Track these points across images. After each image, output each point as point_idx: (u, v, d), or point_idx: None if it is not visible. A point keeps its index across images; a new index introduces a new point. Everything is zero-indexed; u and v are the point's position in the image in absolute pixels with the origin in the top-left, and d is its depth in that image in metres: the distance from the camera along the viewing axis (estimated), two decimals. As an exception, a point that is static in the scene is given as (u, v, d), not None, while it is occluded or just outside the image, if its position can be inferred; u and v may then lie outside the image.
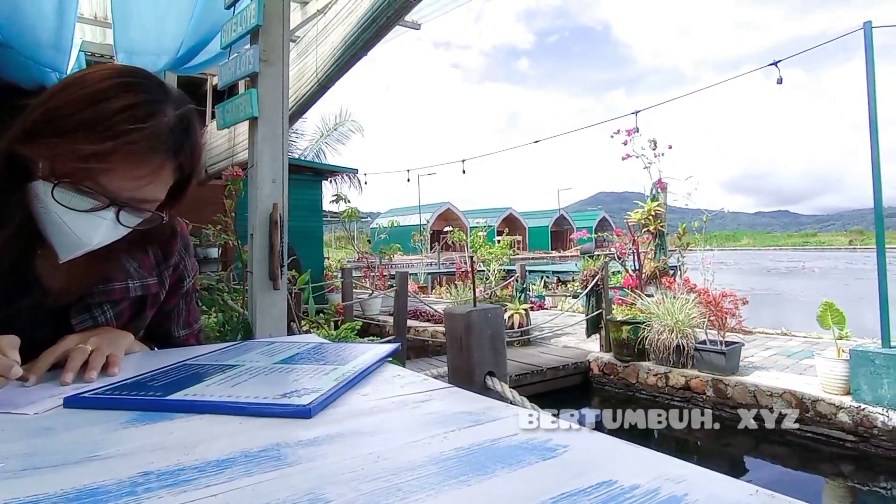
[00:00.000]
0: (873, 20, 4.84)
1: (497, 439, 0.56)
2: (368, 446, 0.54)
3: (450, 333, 1.05)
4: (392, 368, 0.93)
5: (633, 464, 0.49)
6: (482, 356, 1.01)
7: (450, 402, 0.72)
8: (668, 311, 5.40)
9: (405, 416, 0.66)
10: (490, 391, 1.02)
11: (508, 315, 6.77)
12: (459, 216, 43.30)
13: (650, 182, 7.27)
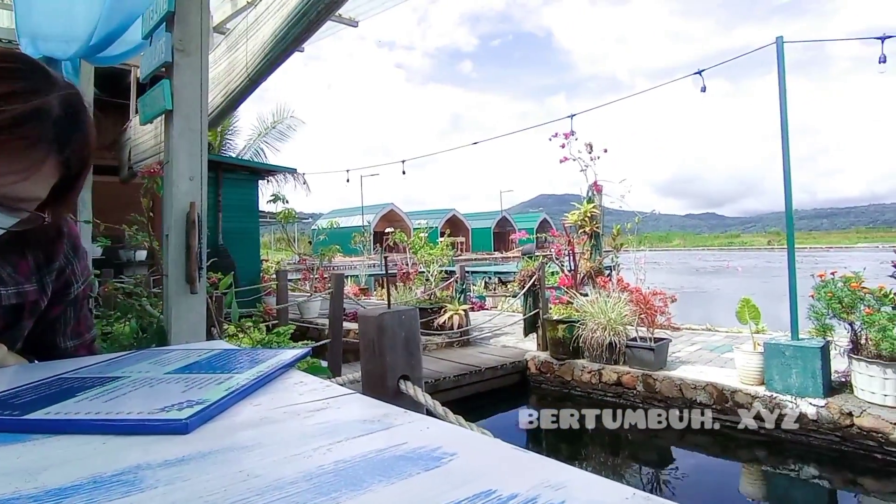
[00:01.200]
0: (788, 36, 5.19)
1: (384, 449, 0.53)
2: (241, 463, 0.50)
3: (362, 337, 1.03)
4: (296, 375, 0.88)
5: (517, 471, 0.48)
6: (395, 360, 0.98)
7: (347, 411, 0.68)
8: (602, 310, 5.58)
9: (294, 427, 0.62)
10: (404, 395, 0.99)
11: (448, 316, 6.79)
12: (403, 217, 43.16)
13: (586, 184, 7.49)
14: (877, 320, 4.10)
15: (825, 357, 4.42)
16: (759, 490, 4.12)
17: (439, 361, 6.09)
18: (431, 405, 0.95)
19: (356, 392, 0.78)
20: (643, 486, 4.22)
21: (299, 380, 0.84)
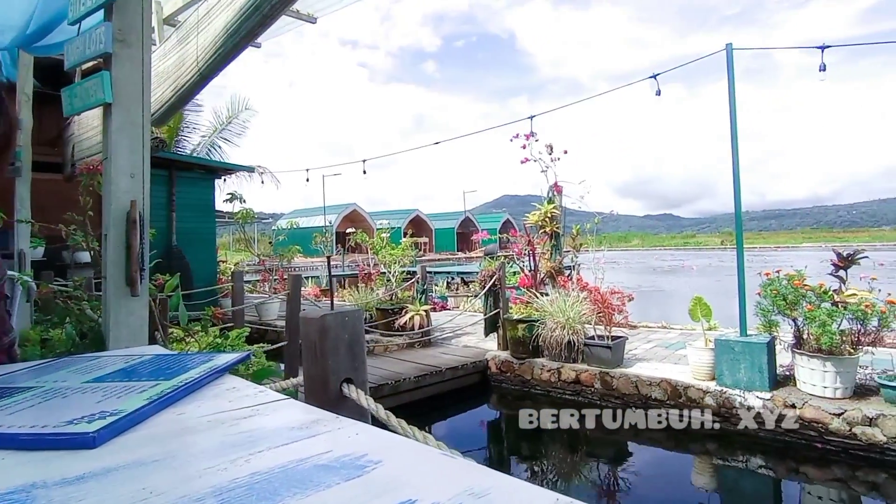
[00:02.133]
0: (738, 44, 5.38)
1: (306, 459, 0.51)
2: (147, 479, 0.47)
3: (304, 339, 0.99)
4: (230, 381, 0.84)
5: (442, 478, 0.47)
6: (338, 363, 0.95)
7: (276, 418, 0.66)
8: (561, 309, 5.66)
9: (215, 437, 0.59)
10: (347, 399, 0.96)
11: (409, 317, 6.76)
12: (366, 217, 42.80)
13: (547, 185, 7.57)
14: (817, 316, 4.30)
15: (771, 352, 4.61)
16: (710, 482, 4.25)
17: (400, 363, 6.05)
18: (374, 409, 0.93)
19: (290, 398, 0.75)
20: (600, 481, 4.30)
21: (232, 385, 0.81)
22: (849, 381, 4.23)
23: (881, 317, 4.25)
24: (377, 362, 6.14)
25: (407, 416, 3.66)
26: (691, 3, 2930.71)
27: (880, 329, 4.37)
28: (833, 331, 4.25)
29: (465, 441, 5.26)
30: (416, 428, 0.90)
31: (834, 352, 4.24)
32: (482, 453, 4.95)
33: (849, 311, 4.31)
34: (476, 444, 5.24)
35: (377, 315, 7.45)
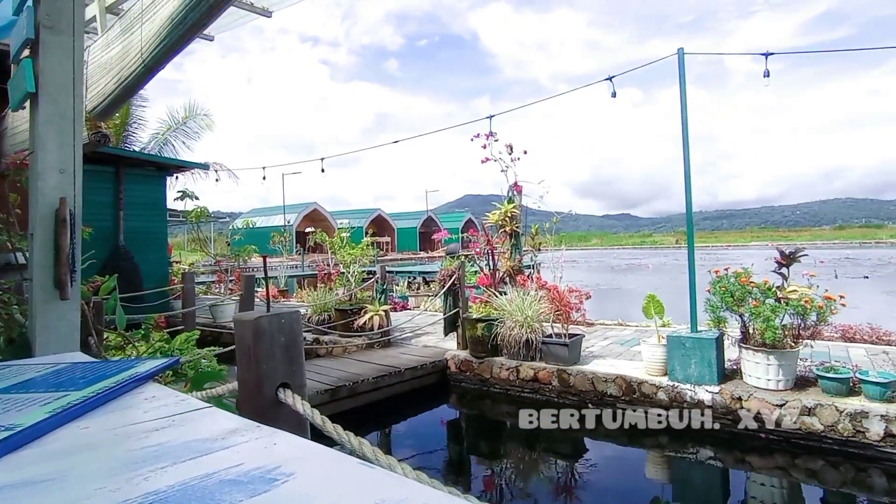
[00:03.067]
0: (695, 49, 5.54)
1: (213, 473, 0.47)
2: (29, 503, 0.42)
3: (238, 343, 0.95)
4: (152, 389, 0.80)
5: (354, 490, 0.44)
6: (273, 367, 0.92)
7: (192, 429, 0.62)
8: (519, 308, 5.71)
9: (118, 452, 0.55)
10: (283, 405, 0.93)
11: (368, 317, 6.68)
12: (327, 217, 42.20)
13: (507, 185, 7.62)
14: (762, 312, 4.47)
15: (719, 347, 4.77)
16: (663, 474, 4.36)
17: (359, 363, 5.98)
18: (310, 414, 0.89)
19: (213, 407, 0.71)
20: (557, 477, 4.35)
21: (152, 394, 0.76)
22: (790, 374, 4.42)
23: (819, 312, 4.46)
24: (335, 364, 6.05)
25: (366, 417, 3.66)
26: (648, 10, 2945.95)
27: (818, 323, 4.59)
28: (776, 326, 4.43)
29: (424, 441, 5.23)
30: (352, 434, 0.87)
31: (777, 346, 4.43)
32: (442, 454, 4.94)
33: (790, 307, 4.50)
34: (436, 444, 5.22)
35: (336, 316, 7.34)
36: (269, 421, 0.94)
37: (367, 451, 0.80)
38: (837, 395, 4.19)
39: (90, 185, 7.83)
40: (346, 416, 5.22)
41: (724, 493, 3.99)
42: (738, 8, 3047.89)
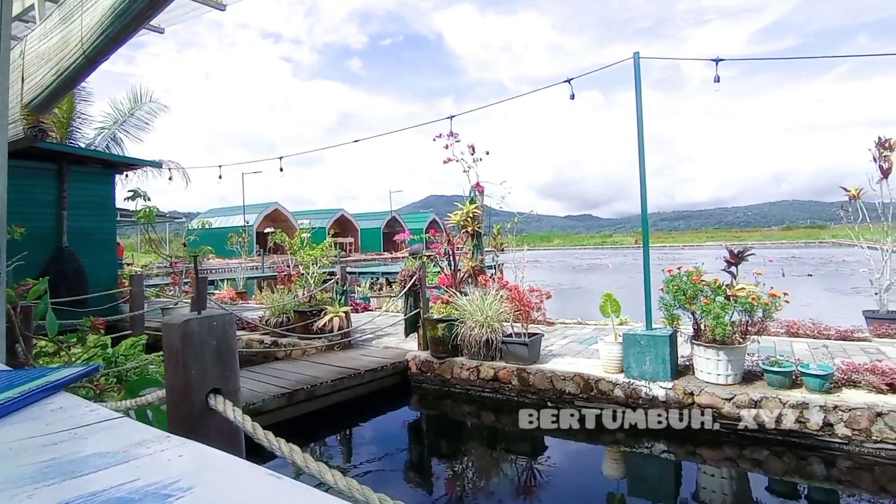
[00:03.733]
0: (653, 54, 5.66)
1: (103, 491, 0.44)
2: None
3: (166, 347, 0.90)
4: (60, 399, 0.74)
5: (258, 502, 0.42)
6: (203, 372, 0.88)
7: (94, 442, 0.58)
8: (480, 308, 5.73)
9: (6, 469, 0.50)
10: (213, 412, 0.89)
11: (328, 318, 6.58)
12: (289, 217, 41.45)
13: (469, 185, 7.64)
14: (712, 309, 4.63)
15: (673, 344, 4.91)
16: (619, 469, 4.44)
17: (318, 366, 5.87)
18: (241, 421, 0.86)
19: (124, 417, 0.67)
20: (518, 475, 4.37)
21: (60, 405, 0.71)
22: (738, 369, 4.59)
23: (765, 308, 4.64)
24: (294, 367, 5.93)
25: (324, 420, 3.59)
26: (609, 15, 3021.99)
27: (765, 319, 4.77)
28: (725, 322, 4.59)
29: (385, 443, 5.18)
30: (283, 440, 0.84)
31: (726, 342, 4.59)
32: (403, 455, 4.90)
33: (739, 304, 4.67)
34: (397, 445, 5.18)
35: (295, 318, 7.20)
36: (198, 429, 0.90)
37: (298, 458, 0.77)
38: (781, 387, 4.37)
39: (27, 183, 7.46)
40: (304, 419, 5.12)
41: (676, 486, 4.10)
42: (694, 16, 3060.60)
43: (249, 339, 7.29)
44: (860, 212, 7.79)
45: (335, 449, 4.97)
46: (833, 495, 3.70)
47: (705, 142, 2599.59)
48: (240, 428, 0.91)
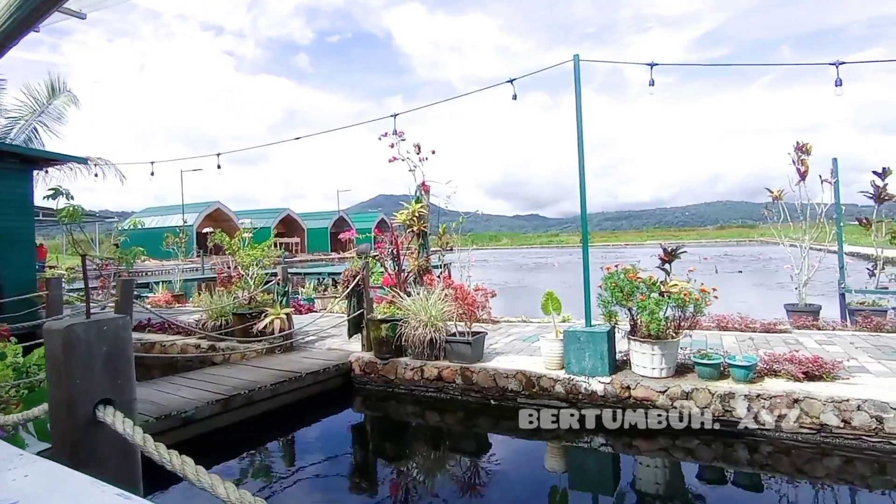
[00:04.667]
0: (599, 58, 5.78)
1: None
2: None
3: (48, 356, 0.83)
4: None
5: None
6: (91, 381, 0.80)
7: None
8: (424, 307, 5.70)
9: None
10: (102, 425, 0.82)
11: (269, 321, 6.38)
12: (231, 217, 40.08)
13: (415, 184, 7.60)
14: (647, 305, 4.79)
15: (611, 340, 5.05)
16: (561, 464, 4.53)
17: (257, 370, 5.68)
18: (131, 433, 0.79)
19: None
20: (463, 474, 4.37)
21: None
22: (671, 362, 4.77)
23: (696, 304, 4.85)
24: (231, 371, 5.71)
25: (264, 426, 3.45)
26: (556, 20, 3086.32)
27: (696, 314, 4.99)
28: (660, 318, 4.77)
29: (328, 447, 5.07)
30: (176, 453, 0.78)
31: (660, 336, 4.76)
32: (347, 458, 4.81)
33: (672, 300, 4.86)
34: (340, 449, 5.08)
35: (234, 320, 6.94)
36: (84, 444, 0.82)
37: (190, 471, 0.72)
38: (710, 379, 4.58)
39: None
40: (241, 426, 4.94)
41: (615, 477, 4.22)
42: (635, 23, 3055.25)
43: (185, 344, 6.97)
44: (783, 212, 8.32)
45: (276, 455, 4.82)
46: (755, 479, 3.91)
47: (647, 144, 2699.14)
48: (132, 441, 0.84)
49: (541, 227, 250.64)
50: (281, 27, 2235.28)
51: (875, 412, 3.88)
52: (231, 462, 4.44)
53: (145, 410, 4.25)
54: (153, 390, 4.93)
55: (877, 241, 8.08)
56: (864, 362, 4.96)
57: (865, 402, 3.92)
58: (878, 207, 7.87)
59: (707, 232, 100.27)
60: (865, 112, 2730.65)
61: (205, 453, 4.53)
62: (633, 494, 3.85)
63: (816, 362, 4.49)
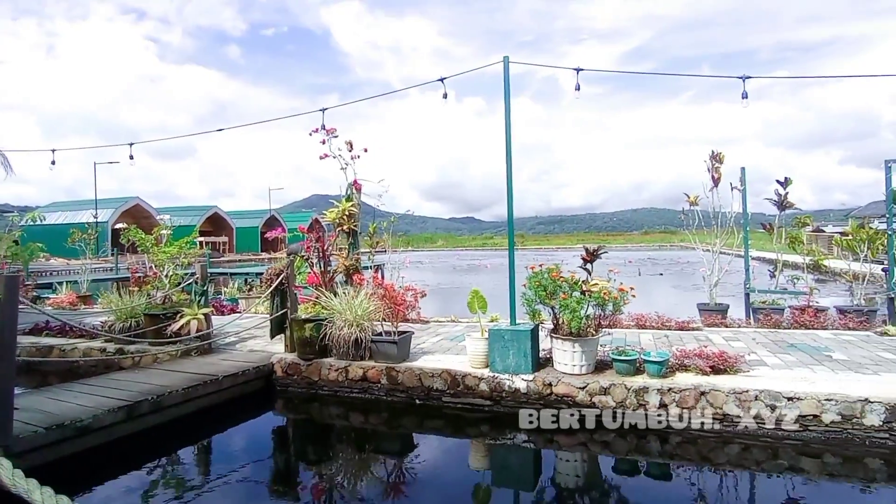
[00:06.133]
0: (533, 67, 5.87)
1: None
2: None
3: None
4: None
5: None
6: None
7: None
8: (349, 307, 5.57)
9: None
10: None
11: (184, 321, 6.02)
12: (152, 213, 37.79)
13: (346, 182, 7.44)
14: (569, 304, 4.92)
15: (535, 338, 5.14)
16: (485, 461, 4.54)
17: (169, 374, 5.33)
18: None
19: None
20: (387, 475, 4.29)
21: None
22: (591, 359, 4.92)
23: (615, 302, 5.03)
24: (140, 376, 5.33)
25: (175, 433, 3.20)
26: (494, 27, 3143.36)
27: (615, 313, 5.18)
28: (581, 316, 4.90)
29: (248, 453, 4.84)
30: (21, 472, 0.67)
31: (581, 334, 4.89)
32: (267, 463, 4.60)
33: (593, 299, 5.01)
34: (260, 454, 4.86)
35: (146, 321, 6.49)
36: None
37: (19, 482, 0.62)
38: (627, 374, 4.76)
39: None
40: (149, 434, 4.62)
41: (536, 472, 4.28)
42: (570, 34, 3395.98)
43: (88, 348, 6.44)
44: (698, 218, 8.85)
45: (189, 464, 4.53)
46: (665, 468, 4.09)
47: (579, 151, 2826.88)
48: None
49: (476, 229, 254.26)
50: (211, 16, 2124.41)
51: (770, 401, 4.17)
52: (138, 473, 4.13)
53: (34, 420, 3.87)
54: (46, 398, 4.50)
55: (777, 246, 8.77)
56: (763, 356, 5.34)
57: (762, 393, 4.20)
58: (781, 214, 8.52)
59: (633, 237, 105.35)
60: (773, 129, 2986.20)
61: (104, 465, 4.19)
62: (552, 489, 3.93)
63: (722, 357, 4.77)
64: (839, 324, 6.93)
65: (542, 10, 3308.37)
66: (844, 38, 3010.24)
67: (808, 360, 5.16)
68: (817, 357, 5.26)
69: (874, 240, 8.58)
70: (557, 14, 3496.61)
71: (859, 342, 5.96)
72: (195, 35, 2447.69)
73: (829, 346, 5.73)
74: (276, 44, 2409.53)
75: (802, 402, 4.10)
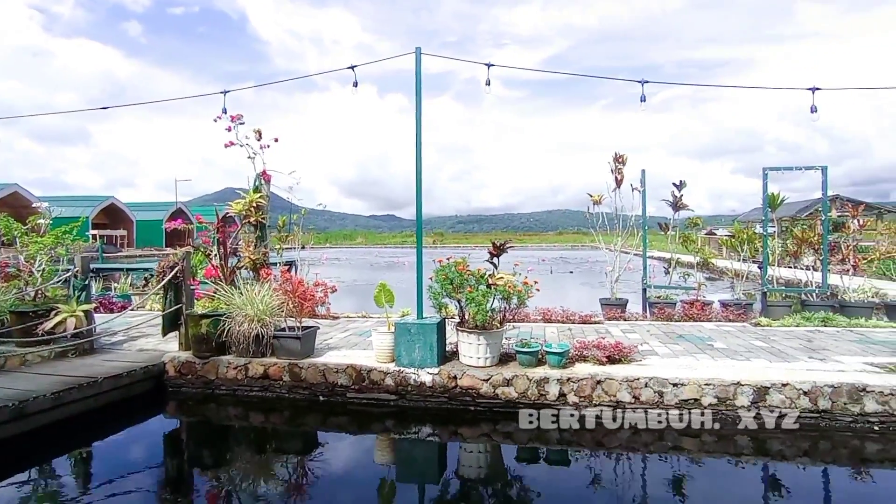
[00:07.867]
0: (455, 68, 5.82)
1: None
2: None
3: None
4: None
5: None
6: None
7: None
8: (250, 301, 5.30)
9: None
10: None
11: (60, 319, 5.43)
12: (34, 202, 34.11)
13: (254, 173, 7.08)
14: (475, 297, 4.97)
15: (441, 331, 5.15)
16: (390, 456, 4.48)
17: (37, 377, 4.79)
18: None
19: None
20: (289, 476, 4.10)
21: None
22: (495, 352, 5.00)
23: (519, 296, 5.15)
24: (2, 380, 4.74)
25: (44, 441, 2.79)
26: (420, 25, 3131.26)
27: (520, 306, 5.30)
28: (486, 309, 4.97)
29: (134, 460, 4.44)
30: None
31: (486, 327, 4.97)
32: (157, 470, 4.24)
33: (498, 292, 5.10)
34: (149, 460, 4.47)
35: (12, 320, 5.80)
36: None
37: None
38: (529, 366, 4.89)
39: None
40: (9, 444, 4.11)
41: (441, 465, 4.28)
42: (493, 38, 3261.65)
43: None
44: (603, 218, 9.31)
45: (64, 474, 4.08)
46: (563, 454, 4.24)
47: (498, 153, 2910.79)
48: None
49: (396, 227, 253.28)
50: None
51: (658, 388, 4.45)
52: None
53: None
54: None
55: (672, 246, 9.43)
56: (655, 346, 5.70)
57: (651, 380, 4.47)
58: (676, 215, 9.16)
59: (548, 237, 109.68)
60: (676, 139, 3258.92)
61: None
62: (457, 480, 3.94)
63: (617, 347, 5.03)
64: (721, 316, 7.57)
65: (466, 13, 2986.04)
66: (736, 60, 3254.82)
67: (693, 349, 5.57)
68: (701, 346, 5.70)
69: (752, 240, 9.46)
70: (481, 17, 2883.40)
71: (737, 332, 6.53)
72: (87, 7, 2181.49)
73: (712, 336, 6.23)
74: (186, 25, 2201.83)
75: (685, 388, 4.41)
